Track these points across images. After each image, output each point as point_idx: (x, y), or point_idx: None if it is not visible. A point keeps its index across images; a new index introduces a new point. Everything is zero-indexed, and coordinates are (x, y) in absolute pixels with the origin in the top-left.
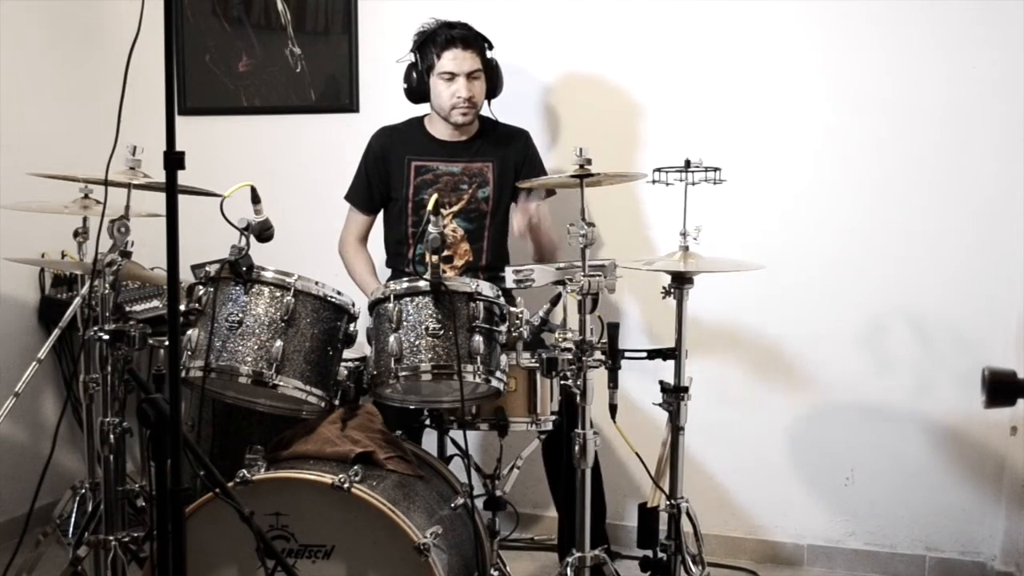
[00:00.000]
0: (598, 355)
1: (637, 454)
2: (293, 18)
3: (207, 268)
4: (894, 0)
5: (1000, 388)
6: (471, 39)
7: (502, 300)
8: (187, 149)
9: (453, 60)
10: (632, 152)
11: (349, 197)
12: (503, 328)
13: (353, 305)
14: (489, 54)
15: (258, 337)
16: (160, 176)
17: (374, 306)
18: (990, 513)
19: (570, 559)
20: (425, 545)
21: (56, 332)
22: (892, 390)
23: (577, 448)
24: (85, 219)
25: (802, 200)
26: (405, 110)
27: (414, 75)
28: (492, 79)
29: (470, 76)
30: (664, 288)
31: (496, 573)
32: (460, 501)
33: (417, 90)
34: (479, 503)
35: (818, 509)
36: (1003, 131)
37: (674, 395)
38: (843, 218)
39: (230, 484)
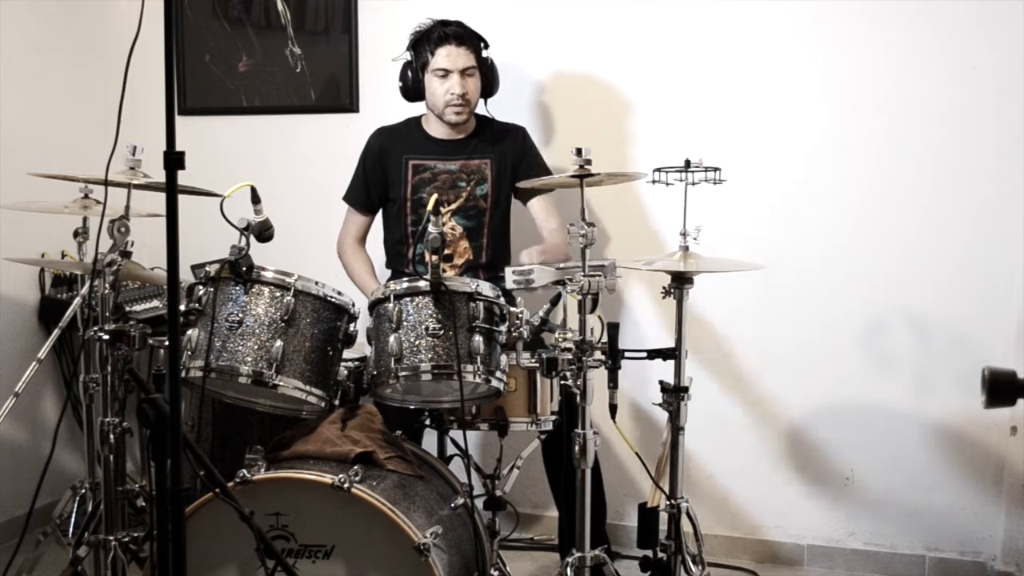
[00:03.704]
0: (598, 355)
1: (637, 454)
2: (293, 18)
3: (207, 268)
4: (894, 0)
5: (1000, 388)
6: (465, 36)
7: (502, 300)
8: (187, 149)
9: (447, 57)
10: (631, 152)
11: (347, 198)
12: (503, 328)
13: (353, 305)
14: (485, 53)
15: (258, 337)
16: (160, 176)
17: (374, 306)
18: (990, 513)
19: (570, 559)
20: (425, 545)
21: (56, 332)
22: (892, 390)
23: (577, 448)
24: (85, 219)
25: (802, 200)
26: (405, 110)
27: (409, 73)
28: (487, 77)
29: (464, 73)
30: (664, 288)
31: (496, 573)
32: (460, 501)
33: (413, 88)
34: (479, 503)
35: (818, 509)
36: (1003, 130)
37: (674, 395)
38: (843, 218)
39: (230, 484)
